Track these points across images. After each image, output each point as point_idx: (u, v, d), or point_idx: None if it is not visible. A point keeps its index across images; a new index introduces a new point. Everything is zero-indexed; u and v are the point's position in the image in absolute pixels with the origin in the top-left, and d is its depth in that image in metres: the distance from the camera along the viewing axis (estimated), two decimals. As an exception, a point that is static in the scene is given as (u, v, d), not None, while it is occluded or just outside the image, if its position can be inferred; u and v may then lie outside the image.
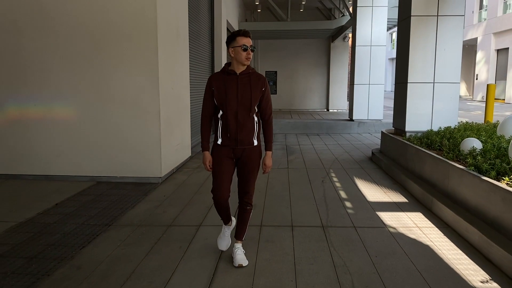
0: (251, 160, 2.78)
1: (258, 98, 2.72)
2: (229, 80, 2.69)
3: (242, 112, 2.68)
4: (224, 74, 2.72)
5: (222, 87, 2.68)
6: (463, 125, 5.92)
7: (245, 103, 2.67)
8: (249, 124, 2.72)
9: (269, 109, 2.81)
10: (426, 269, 2.83)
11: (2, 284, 2.64)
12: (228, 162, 2.78)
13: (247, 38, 2.64)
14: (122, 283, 2.66)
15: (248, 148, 2.77)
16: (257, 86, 2.70)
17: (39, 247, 3.23)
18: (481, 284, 2.62)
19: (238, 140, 2.71)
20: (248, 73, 2.72)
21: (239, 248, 2.95)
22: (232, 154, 2.77)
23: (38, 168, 5.38)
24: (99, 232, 3.57)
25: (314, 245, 3.25)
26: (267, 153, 2.84)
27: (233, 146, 2.74)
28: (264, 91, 2.74)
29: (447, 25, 5.96)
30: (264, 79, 2.77)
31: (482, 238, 3.11)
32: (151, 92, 5.13)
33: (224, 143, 2.75)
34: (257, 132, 2.80)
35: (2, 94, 5.28)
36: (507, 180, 3.27)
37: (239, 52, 2.62)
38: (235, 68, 2.71)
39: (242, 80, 2.69)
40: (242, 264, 2.86)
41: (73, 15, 5.05)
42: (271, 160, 2.84)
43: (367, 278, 2.71)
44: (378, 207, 4.24)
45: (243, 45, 2.60)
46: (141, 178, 5.28)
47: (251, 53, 2.65)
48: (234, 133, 2.70)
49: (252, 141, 2.76)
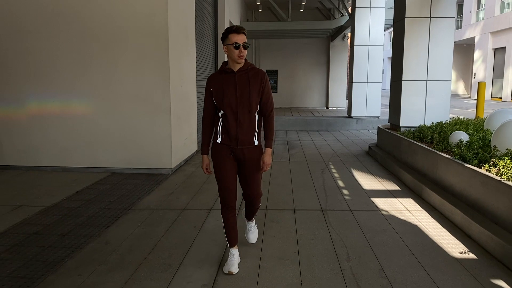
0: (252, 160, 2.70)
1: (258, 94, 2.63)
2: (226, 79, 2.61)
3: (242, 111, 2.59)
4: (221, 73, 2.65)
5: (220, 86, 2.60)
6: (454, 120, 6.29)
7: (244, 101, 2.59)
8: (249, 123, 2.63)
9: (270, 104, 2.71)
10: (413, 244, 3.22)
11: (43, 255, 3.02)
12: (230, 161, 2.70)
13: (239, 34, 2.52)
14: (146, 255, 3.04)
15: (249, 148, 2.68)
16: (255, 82, 2.61)
17: (68, 227, 3.62)
18: (459, 255, 3.01)
19: (239, 139, 2.63)
20: (246, 70, 2.62)
21: (252, 225, 3.17)
22: (232, 154, 2.70)
23: (56, 160, 5.77)
24: (120, 214, 3.95)
25: (314, 225, 3.64)
26: (267, 150, 2.70)
27: (234, 146, 2.66)
28: (264, 86, 2.63)
29: (439, 26, 6.34)
30: (263, 73, 2.66)
31: (464, 218, 3.50)
32: (163, 90, 5.51)
33: (224, 142, 2.68)
34: (258, 131, 2.72)
35: (23, 91, 5.65)
36: (486, 167, 3.65)
37: (232, 50, 2.53)
38: (231, 66, 2.62)
39: (240, 77, 2.61)
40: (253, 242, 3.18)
41: (91, 18, 5.43)
42: (270, 157, 2.70)
43: (360, 250, 3.10)
44: (373, 194, 4.63)
45: (235, 43, 2.50)
46: (153, 169, 5.66)
47: (244, 51, 2.54)
48: (234, 132, 2.62)
49: (252, 141, 2.68)
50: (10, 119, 5.73)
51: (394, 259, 2.94)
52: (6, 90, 5.67)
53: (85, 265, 2.87)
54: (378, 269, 2.79)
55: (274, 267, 2.82)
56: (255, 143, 2.70)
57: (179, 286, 2.57)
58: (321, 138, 9.43)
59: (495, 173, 3.43)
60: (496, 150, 3.94)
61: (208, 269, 2.79)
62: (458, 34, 30.20)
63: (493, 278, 2.65)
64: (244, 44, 2.53)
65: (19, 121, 5.72)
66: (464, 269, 2.79)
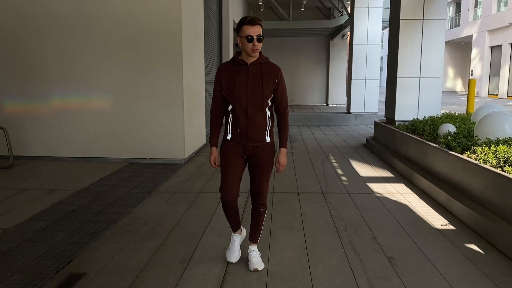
0: (263, 159, 2.57)
1: (271, 90, 2.50)
2: (238, 71, 2.47)
3: (253, 107, 2.47)
4: (233, 64, 2.51)
5: (231, 79, 2.47)
6: (445, 115, 6.79)
7: (256, 96, 2.46)
8: (260, 120, 2.51)
9: (285, 102, 2.59)
10: (401, 218, 3.73)
11: (84, 227, 3.53)
12: (237, 159, 2.59)
13: (254, 26, 2.36)
14: (173, 226, 3.55)
15: (260, 146, 2.56)
16: (269, 77, 2.47)
17: (100, 206, 4.12)
18: (440, 226, 3.52)
19: (249, 136, 2.51)
20: (260, 63, 2.48)
21: (254, 251, 2.78)
22: (243, 151, 2.58)
23: (78, 151, 6.27)
24: (144, 197, 4.46)
25: (316, 204, 4.15)
26: (281, 150, 2.63)
27: (244, 143, 2.54)
28: (278, 83, 2.50)
29: (431, 27, 6.83)
30: (278, 69, 2.52)
31: (447, 197, 4.01)
32: (176, 86, 6.00)
33: (234, 138, 2.56)
34: (270, 128, 2.59)
35: (49, 88, 6.15)
36: (468, 154, 4.15)
37: (245, 43, 2.39)
38: (245, 58, 2.48)
39: (252, 71, 2.46)
40: (257, 269, 2.69)
41: (110, 21, 5.91)
42: (285, 158, 2.64)
43: (356, 223, 3.61)
44: (368, 180, 5.14)
45: (248, 36, 2.36)
46: (168, 159, 6.17)
47: (259, 44, 2.39)
48: (244, 129, 2.50)
49: (264, 137, 2.55)
50: (36, 113, 6.22)
51: (384, 230, 3.45)
52: (33, 86, 6.16)
53: (121, 235, 3.37)
54: (371, 237, 3.30)
55: (283, 236, 3.33)
56: (266, 140, 2.57)
57: (204, 249, 3.07)
58: (322, 133, 9.93)
59: (474, 159, 3.93)
60: (478, 139, 4.45)
61: (227, 237, 3.29)
62: (456, 32, 30.67)
63: (467, 243, 3.16)
64: (259, 37, 2.38)
65: (44, 115, 6.22)
66: (443, 237, 3.29)
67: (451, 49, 32.62)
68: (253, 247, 2.80)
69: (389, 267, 2.76)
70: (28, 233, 3.41)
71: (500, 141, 4.07)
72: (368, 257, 2.93)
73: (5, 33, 6.08)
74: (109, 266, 2.80)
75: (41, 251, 3.05)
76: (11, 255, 2.98)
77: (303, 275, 2.66)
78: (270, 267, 2.78)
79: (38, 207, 4.07)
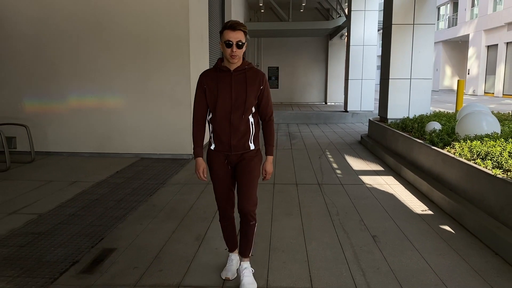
0: (248, 167, 2.47)
1: (256, 97, 2.42)
2: (221, 77, 2.39)
3: (236, 114, 2.38)
4: (216, 71, 2.43)
5: (214, 86, 2.39)
6: (434, 113, 7.29)
7: (239, 104, 2.37)
8: (243, 127, 2.41)
9: (270, 109, 2.51)
10: (387, 205, 4.23)
11: (108, 212, 4.03)
12: (225, 169, 2.50)
13: (234, 32, 2.27)
14: (187, 211, 4.05)
15: (244, 154, 2.47)
16: (253, 84, 2.40)
17: (120, 195, 4.63)
18: (421, 212, 4.02)
19: (232, 145, 2.42)
20: (244, 70, 2.40)
21: (247, 269, 2.62)
22: (227, 160, 2.49)
23: (93, 147, 6.76)
24: (158, 187, 4.96)
25: (312, 194, 4.65)
26: (268, 158, 2.54)
27: (227, 152, 2.45)
28: (262, 90, 2.43)
29: (421, 32, 7.32)
30: (262, 75, 2.44)
31: (428, 187, 4.51)
32: (184, 87, 6.49)
33: (218, 148, 2.46)
34: (254, 135, 2.48)
35: (66, 88, 6.64)
36: (448, 149, 4.65)
37: (224, 48, 2.31)
38: (227, 64, 2.40)
39: (236, 77, 2.38)
40: None
41: (123, 26, 6.40)
42: (272, 165, 2.55)
43: (347, 209, 4.11)
44: (361, 173, 5.65)
45: (227, 41, 2.28)
46: (176, 155, 6.66)
47: (239, 50, 2.30)
48: (226, 138, 2.41)
49: (247, 145, 2.46)
50: (54, 111, 6.72)
51: (371, 214, 3.96)
52: (51, 87, 6.65)
53: (142, 218, 3.88)
54: (359, 220, 3.81)
55: (283, 219, 3.83)
56: (251, 147, 2.48)
57: (215, 230, 3.58)
58: (319, 130, 10.44)
59: (453, 153, 4.44)
60: (458, 136, 4.95)
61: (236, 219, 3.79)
62: (454, 31, 31.14)
63: (441, 225, 3.66)
64: (239, 43, 2.29)
65: (62, 114, 6.71)
66: (422, 220, 3.80)
67: (449, 48, 33.11)
68: (245, 264, 2.64)
69: (372, 243, 3.27)
70: (61, 217, 3.91)
71: (477, 137, 4.57)
72: (355, 235, 3.43)
73: (26, 37, 6.56)
74: (135, 243, 3.31)
75: (75, 231, 3.56)
76: (50, 234, 3.48)
77: (300, 249, 3.16)
78: (272, 243, 3.29)
79: (65, 196, 4.57)
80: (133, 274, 2.80)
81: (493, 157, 3.78)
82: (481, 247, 3.19)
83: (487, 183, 3.52)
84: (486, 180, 3.54)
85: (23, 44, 6.59)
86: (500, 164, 3.62)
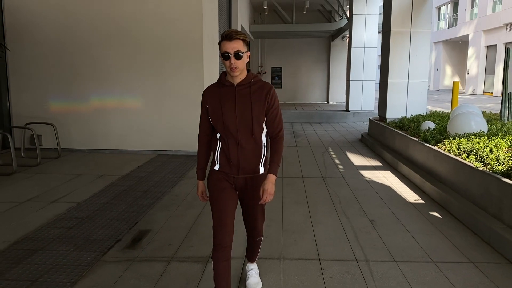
0: (256, 192, 2.29)
1: (263, 113, 2.20)
2: (225, 93, 2.19)
3: (243, 133, 2.18)
4: (219, 86, 2.22)
5: (217, 103, 2.19)
6: (430, 113, 7.81)
7: (246, 122, 2.17)
8: (253, 148, 2.22)
9: (278, 123, 2.26)
10: (384, 195, 4.77)
11: (137, 201, 4.58)
12: (229, 192, 2.26)
13: (231, 42, 2.06)
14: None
15: (253, 177, 2.28)
16: (259, 98, 2.18)
17: (145, 187, 5.17)
18: (413, 201, 4.56)
19: (240, 168, 2.22)
20: (249, 83, 2.19)
21: (253, 269, 2.64)
22: (233, 183, 2.28)
23: (113, 144, 7.31)
24: (177, 180, 5.51)
25: (317, 186, 5.19)
26: (269, 177, 2.22)
27: (234, 175, 2.24)
28: (270, 103, 2.20)
29: (418, 37, 7.84)
30: (269, 87, 2.22)
31: (421, 180, 5.04)
32: (198, 89, 7.03)
33: (223, 169, 2.26)
34: (265, 158, 2.30)
35: (88, 89, 7.19)
36: (439, 145, 5.18)
37: (223, 61, 2.11)
38: (230, 78, 2.20)
39: (240, 92, 2.18)
40: None
41: (140, 33, 6.94)
42: (273, 186, 2.22)
43: (348, 198, 4.65)
44: (361, 168, 6.18)
45: (224, 53, 2.08)
46: (190, 151, 7.21)
47: (238, 61, 2.09)
48: (235, 159, 2.21)
49: (257, 168, 2.26)
50: (77, 111, 7.27)
51: (370, 203, 4.50)
52: (75, 89, 7.20)
53: (169, 206, 4.42)
54: (359, 207, 4.34)
55: (292, 207, 4.37)
56: (260, 171, 2.28)
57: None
58: (322, 129, 10.97)
59: (443, 149, 4.96)
60: (449, 134, 5.48)
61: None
62: (454, 31, 31.59)
63: (430, 212, 4.20)
64: (237, 53, 2.07)
65: (84, 113, 7.26)
66: (414, 208, 4.34)
67: (449, 48, 33.58)
68: (252, 265, 2.65)
69: (370, 226, 3.81)
70: (96, 205, 4.46)
71: (465, 135, 5.10)
72: (355, 219, 3.97)
73: (52, 43, 7.11)
74: (166, 225, 3.85)
75: (112, 216, 4.10)
76: (91, 219, 4.03)
77: (308, 230, 3.70)
78: (284, 225, 3.83)
79: (96, 188, 5.12)
80: (169, 249, 3.34)
81: (477, 152, 4.31)
82: (463, 229, 3.72)
83: (470, 175, 4.05)
84: (470, 172, 4.07)
85: (47, 48, 7.14)
86: (482, 159, 4.15)
